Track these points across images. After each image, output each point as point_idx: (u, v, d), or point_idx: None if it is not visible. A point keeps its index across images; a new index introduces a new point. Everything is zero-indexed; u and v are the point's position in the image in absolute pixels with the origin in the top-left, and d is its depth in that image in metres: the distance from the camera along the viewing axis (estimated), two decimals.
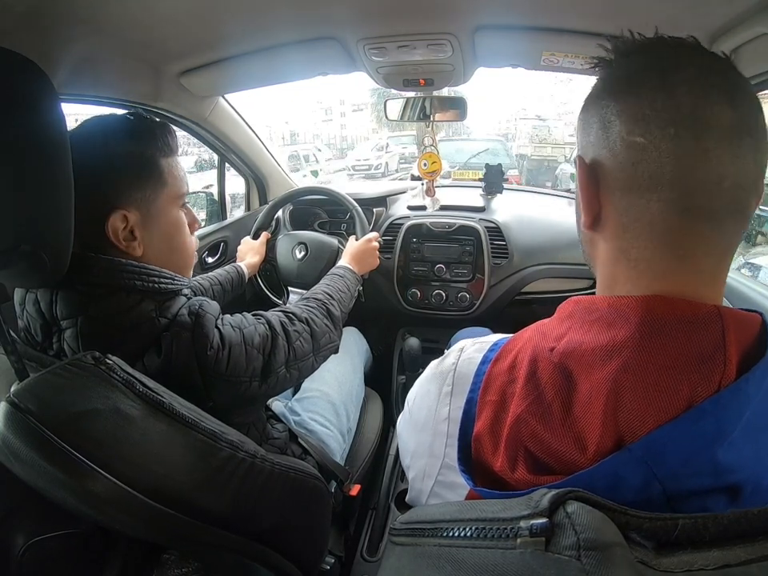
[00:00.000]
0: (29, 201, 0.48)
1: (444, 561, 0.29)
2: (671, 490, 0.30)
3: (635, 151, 0.33)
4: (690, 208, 0.32)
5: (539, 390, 0.35)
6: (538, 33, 0.88)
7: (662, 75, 0.33)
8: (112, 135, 0.59)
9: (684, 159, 0.32)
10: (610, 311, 0.34)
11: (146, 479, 0.46)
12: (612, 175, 0.35)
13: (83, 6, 0.69)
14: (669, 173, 0.32)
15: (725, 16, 0.72)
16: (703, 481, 0.30)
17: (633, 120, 0.33)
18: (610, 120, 0.35)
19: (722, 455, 0.30)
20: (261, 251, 1.31)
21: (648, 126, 0.33)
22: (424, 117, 1.36)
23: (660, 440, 0.30)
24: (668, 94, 0.32)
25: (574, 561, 0.23)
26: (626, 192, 0.34)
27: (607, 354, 0.32)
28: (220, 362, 0.59)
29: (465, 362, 0.43)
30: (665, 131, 0.32)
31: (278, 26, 0.89)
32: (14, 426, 0.42)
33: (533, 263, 1.36)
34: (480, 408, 0.38)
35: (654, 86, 0.33)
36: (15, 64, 0.47)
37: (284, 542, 0.60)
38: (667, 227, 0.33)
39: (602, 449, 0.31)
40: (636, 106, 0.33)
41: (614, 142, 0.35)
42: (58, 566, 0.59)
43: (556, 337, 0.36)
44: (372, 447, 1.11)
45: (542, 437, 0.33)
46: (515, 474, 0.34)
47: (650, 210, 0.33)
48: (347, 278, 0.99)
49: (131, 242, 0.60)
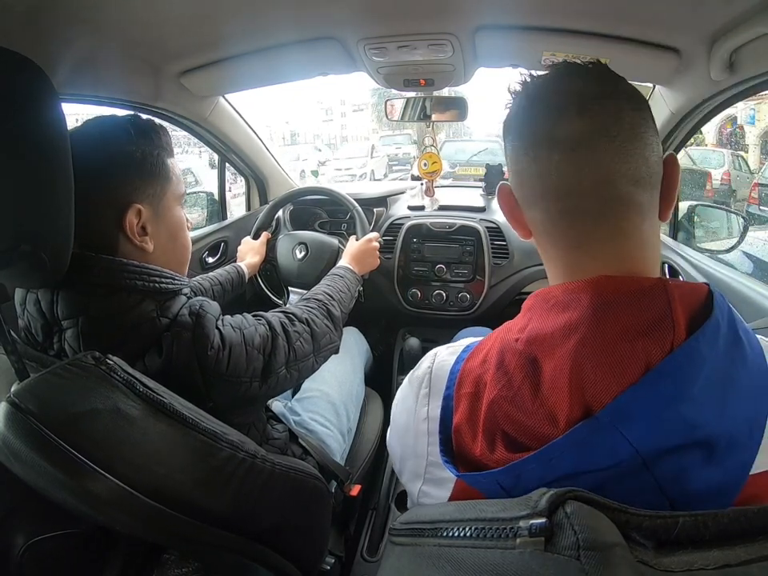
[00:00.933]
0: (29, 201, 0.49)
1: (444, 561, 0.29)
2: (644, 451, 0.31)
3: (516, 176, 0.41)
4: (563, 210, 0.38)
5: (508, 376, 0.37)
6: (539, 33, 0.88)
7: (529, 107, 0.40)
8: (126, 134, 0.61)
9: (544, 174, 0.38)
10: (564, 296, 0.37)
11: (146, 479, 0.46)
12: (520, 191, 0.42)
13: (83, 6, 0.69)
14: (539, 187, 0.38)
15: (725, 16, 0.72)
16: (673, 438, 0.31)
17: (513, 152, 0.41)
18: (506, 153, 0.43)
19: (686, 411, 0.31)
20: (261, 251, 1.31)
21: (518, 155, 0.40)
22: (424, 117, 1.36)
23: (625, 405, 0.32)
24: (529, 121, 0.39)
25: (573, 561, 0.23)
26: (525, 207, 0.42)
27: (565, 333, 0.35)
28: (220, 362, 0.59)
29: (439, 364, 0.45)
30: (528, 155, 0.39)
31: (279, 25, 0.89)
32: (14, 426, 0.42)
33: (533, 263, 1.36)
34: (456, 402, 0.40)
35: (522, 119, 0.40)
36: (15, 64, 0.47)
37: (284, 542, 0.60)
38: (554, 228, 0.39)
39: (571, 420, 0.33)
40: (511, 142, 0.41)
41: (508, 169, 0.43)
42: (57, 566, 0.60)
43: (519, 329, 0.39)
44: (372, 447, 1.11)
45: (516, 417, 0.35)
46: (494, 455, 0.35)
47: (540, 218, 0.40)
48: (347, 278, 0.99)
49: (144, 237, 0.62)
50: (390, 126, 12.85)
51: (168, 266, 0.65)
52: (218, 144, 1.45)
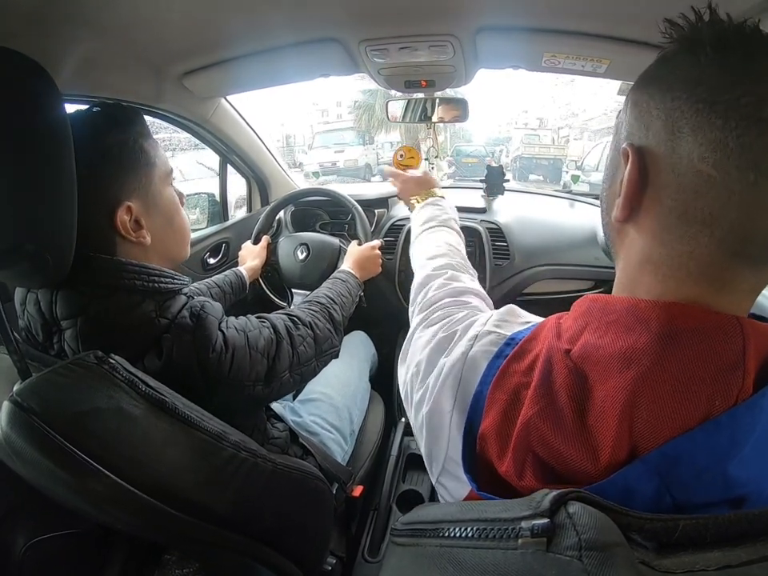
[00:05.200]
0: (32, 201, 0.49)
1: (445, 561, 0.28)
2: (681, 502, 0.30)
3: (702, 181, 0.29)
4: (741, 253, 0.30)
5: (552, 393, 0.33)
6: (540, 34, 0.88)
7: (761, 104, 0.27)
8: (97, 129, 0.58)
9: (754, 210, 0.29)
10: (628, 315, 0.33)
11: (148, 478, 0.46)
12: (666, 189, 0.32)
13: (87, 8, 0.69)
14: (733, 219, 0.29)
15: (724, 17, 0.72)
16: (713, 494, 0.30)
17: (710, 146, 0.29)
18: (681, 129, 0.30)
19: (733, 469, 0.29)
20: (261, 255, 1.31)
21: (726, 161, 0.28)
22: (425, 118, 1.36)
23: (674, 452, 0.29)
24: (762, 131, 0.27)
25: (575, 561, 0.23)
26: (676, 212, 0.31)
27: (625, 361, 0.31)
28: (222, 365, 0.59)
29: (477, 352, 0.40)
30: (743, 174, 0.28)
31: (280, 27, 0.89)
32: (16, 425, 0.43)
33: (534, 264, 1.36)
34: (489, 404, 0.37)
35: (748, 115, 0.27)
36: (19, 65, 0.47)
37: (285, 542, 0.60)
38: (711, 263, 0.31)
39: (614, 459, 0.30)
40: (720, 132, 0.28)
41: (680, 158, 0.30)
42: (58, 566, 0.60)
43: (571, 337, 0.35)
44: (374, 448, 1.11)
45: (553, 443, 0.32)
46: (522, 481, 0.33)
47: (697, 241, 0.31)
48: (350, 282, 0.99)
49: (140, 232, 0.61)
50: (390, 127, 11.35)
51: (169, 252, 0.65)
52: (219, 145, 1.45)
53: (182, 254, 0.71)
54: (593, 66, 0.93)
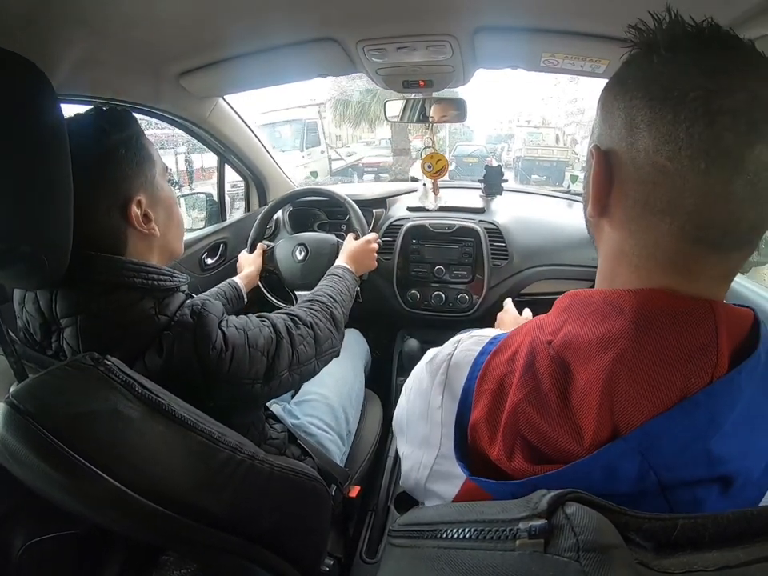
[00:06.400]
0: (28, 201, 0.48)
1: (443, 562, 0.29)
2: (665, 479, 0.30)
3: (658, 172, 0.31)
4: (703, 239, 0.32)
5: (537, 380, 0.35)
6: (538, 34, 0.88)
7: (708, 98, 0.29)
8: (100, 130, 0.59)
9: (708, 197, 0.30)
10: (605, 304, 0.34)
11: (144, 480, 0.46)
12: (629, 182, 0.34)
13: (83, 8, 0.69)
14: (689, 205, 0.31)
15: (725, 17, 0.72)
16: (697, 471, 0.31)
17: (663, 138, 0.31)
18: (638, 126, 0.32)
19: (715, 446, 0.30)
20: (257, 261, 1.30)
21: (678, 151, 0.30)
22: (424, 118, 1.35)
23: (655, 430, 0.30)
24: (709, 122, 0.29)
25: (573, 562, 0.23)
26: (640, 203, 0.33)
27: (603, 345, 0.33)
28: (222, 363, 0.59)
29: (461, 353, 0.43)
30: (694, 163, 0.30)
31: (278, 27, 0.89)
32: (13, 427, 0.42)
33: (533, 264, 1.36)
34: (477, 397, 0.38)
35: (696, 108, 0.29)
36: (15, 65, 0.47)
37: (283, 544, 0.60)
38: (676, 250, 0.33)
39: (598, 439, 0.31)
40: (671, 125, 0.30)
41: (638, 153, 0.32)
42: (56, 568, 0.59)
43: (553, 330, 0.37)
44: (371, 449, 1.11)
45: (539, 426, 0.34)
46: (512, 463, 0.34)
47: (660, 230, 0.33)
48: (347, 278, 0.99)
49: (150, 224, 0.63)
50: (387, 127, 11.35)
51: (169, 245, 0.67)
52: (217, 145, 1.45)
53: (179, 249, 0.73)
54: (592, 66, 0.93)
